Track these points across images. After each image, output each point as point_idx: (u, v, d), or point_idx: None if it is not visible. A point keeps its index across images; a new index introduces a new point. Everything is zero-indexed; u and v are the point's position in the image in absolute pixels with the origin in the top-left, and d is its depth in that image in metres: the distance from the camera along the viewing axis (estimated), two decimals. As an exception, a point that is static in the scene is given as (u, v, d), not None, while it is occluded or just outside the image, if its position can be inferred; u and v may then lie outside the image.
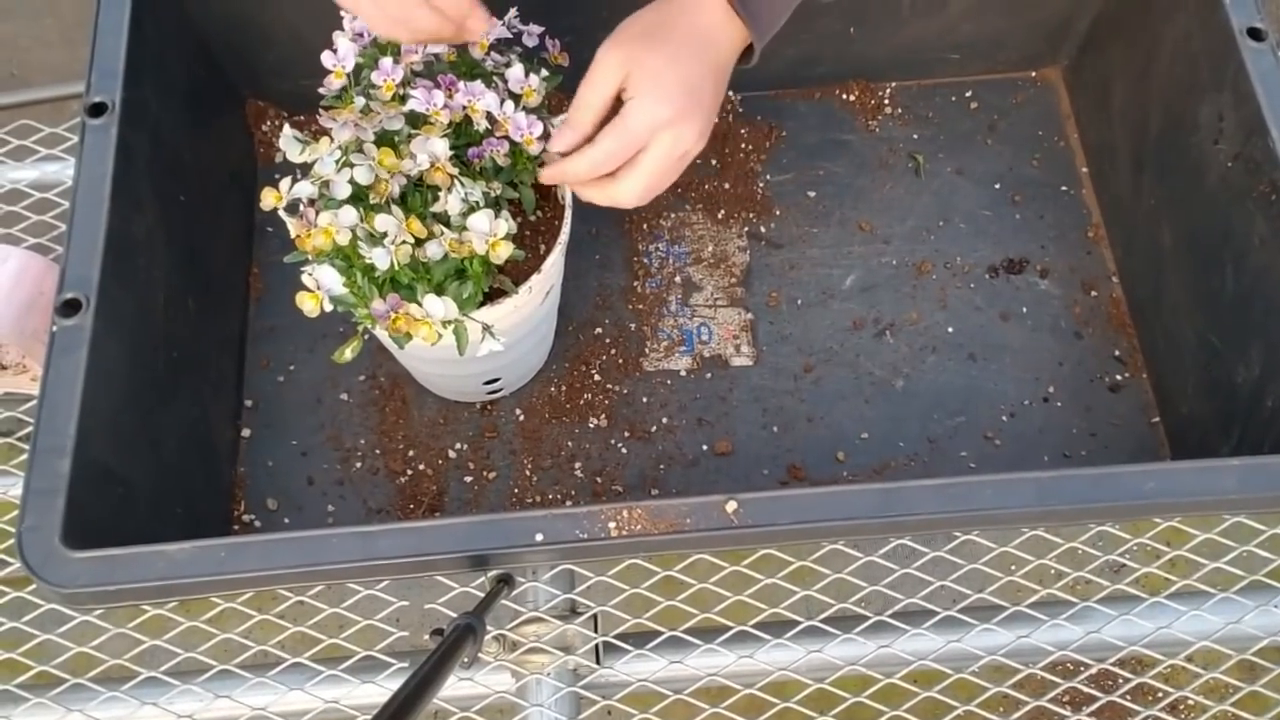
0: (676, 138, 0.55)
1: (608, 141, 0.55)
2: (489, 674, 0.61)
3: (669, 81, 0.55)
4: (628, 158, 0.56)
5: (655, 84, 0.55)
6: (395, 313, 0.54)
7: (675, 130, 0.55)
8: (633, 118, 0.55)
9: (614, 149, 0.55)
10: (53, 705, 0.60)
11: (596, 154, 0.56)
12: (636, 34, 0.56)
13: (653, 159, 0.56)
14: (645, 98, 0.55)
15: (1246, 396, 0.65)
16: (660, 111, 0.55)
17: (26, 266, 0.66)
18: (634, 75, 0.55)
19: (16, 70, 1.56)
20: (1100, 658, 0.62)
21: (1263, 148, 0.63)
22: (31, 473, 0.54)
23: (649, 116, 0.55)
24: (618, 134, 0.55)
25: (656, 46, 0.55)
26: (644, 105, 0.55)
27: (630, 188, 0.57)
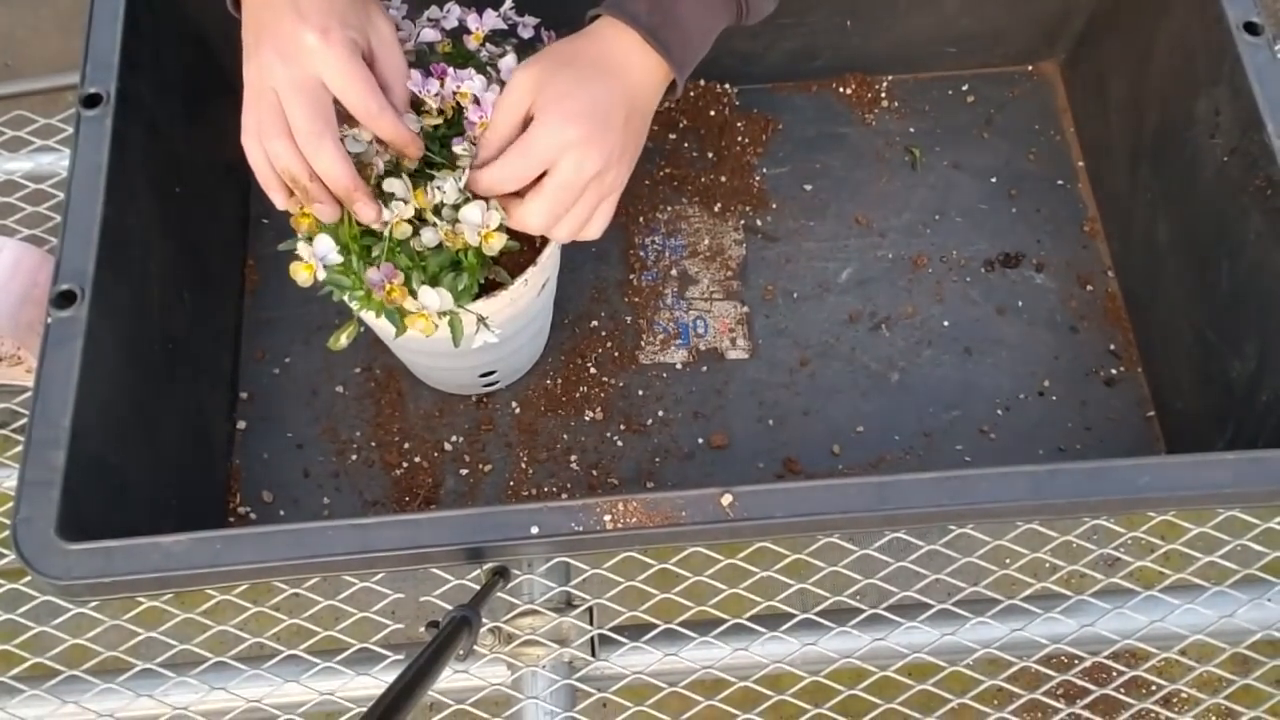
0: (581, 160, 0.54)
1: (509, 159, 0.54)
2: (484, 666, 0.61)
3: (575, 103, 0.54)
4: (530, 178, 0.55)
5: (560, 105, 0.54)
6: (390, 282, 0.54)
7: (580, 151, 0.54)
8: (535, 137, 0.54)
9: (515, 167, 0.54)
10: (48, 697, 0.60)
11: (497, 172, 0.55)
12: (550, 58, 0.56)
13: (555, 182, 0.54)
14: (550, 118, 0.54)
15: (1241, 391, 0.65)
16: (564, 132, 0.54)
17: (21, 258, 0.66)
18: (542, 97, 0.54)
19: (11, 61, 1.56)
20: (1094, 651, 0.62)
21: (1258, 142, 0.63)
22: (26, 465, 0.53)
23: (552, 137, 0.54)
24: (519, 152, 0.54)
25: (566, 70, 0.55)
26: (547, 125, 0.54)
27: (534, 209, 0.55)
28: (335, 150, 0.52)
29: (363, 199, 0.53)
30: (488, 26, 0.60)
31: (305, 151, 0.52)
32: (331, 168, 0.52)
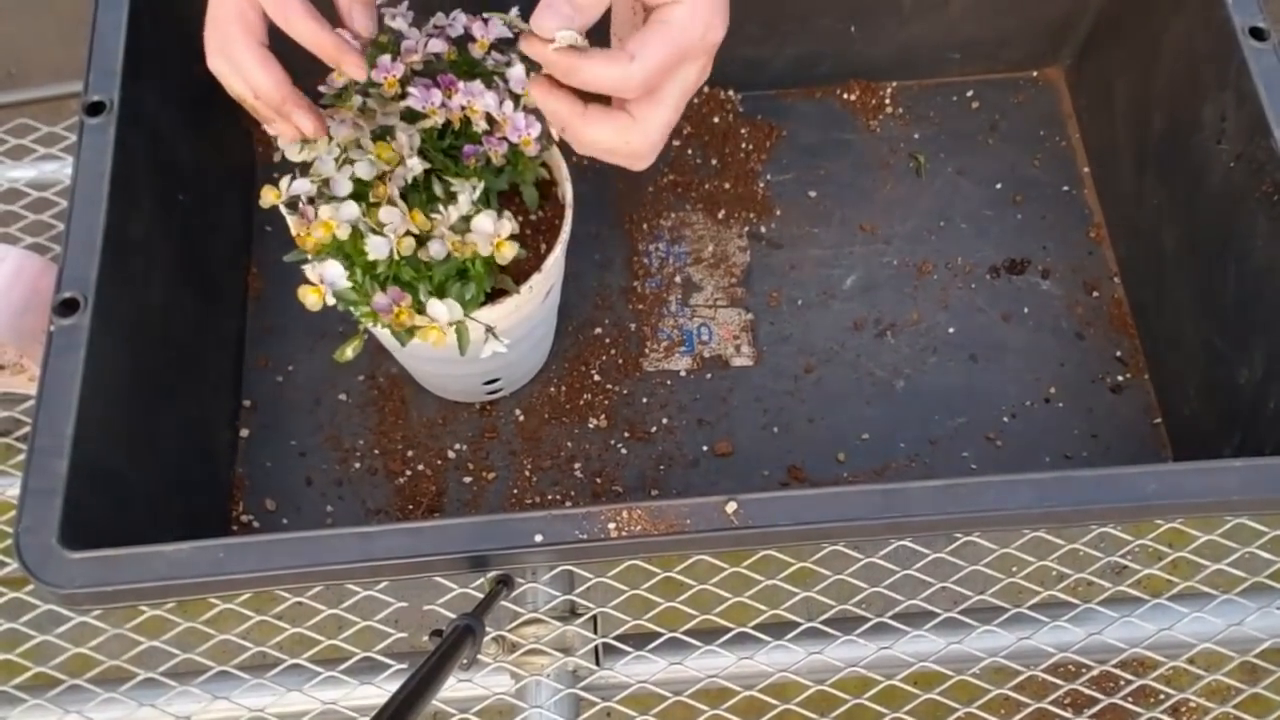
0: (711, 51, 0.47)
1: (655, 48, 0.45)
2: (488, 675, 0.61)
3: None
4: (660, 82, 0.46)
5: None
6: (398, 305, 0.54)
7: (714, 38, 0.46)
8: (686, 19, 0.45)
9: (661, 61, 0.45)
10: (50, 706, 0.59)
11: (638, 69, 0.45)
12: None
13: (682, 85, 0.47)
14: (689, 7, 0.45)
15: (1249, 398, 0.65)
16: (711, 11, 0.45)
17: (24, 266, 0.66)
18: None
19: (15, 69, 1.56)
20: (1102, 659, 0.62)
21: (1265, 148, 0.63)
22: (29, 473, 0.53)
23: (704, 16, 0.45)
24: (666, 39, 0.45)
25: None
26: (691, 18, 0.45)
27: (657, 125, 0.47)
28: (254, 61, 0.52)
29: (297, 111, 0.53)
30: (493, 34, 0.60)
31: (236, 67, 0.52)
32: (254, 79, 0.52)
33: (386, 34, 0.60)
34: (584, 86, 0.46)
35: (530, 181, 0.61)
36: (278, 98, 0.53)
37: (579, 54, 0.45)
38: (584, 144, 0.49)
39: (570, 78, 0.46)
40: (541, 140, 0.58)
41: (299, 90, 0.54)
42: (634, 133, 0.48)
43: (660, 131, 0.48)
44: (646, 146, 0.48)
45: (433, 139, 0.58)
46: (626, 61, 0.45)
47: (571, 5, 0.45)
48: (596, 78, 0.45)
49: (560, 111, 0.48)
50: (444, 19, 0.61)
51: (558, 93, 0.48)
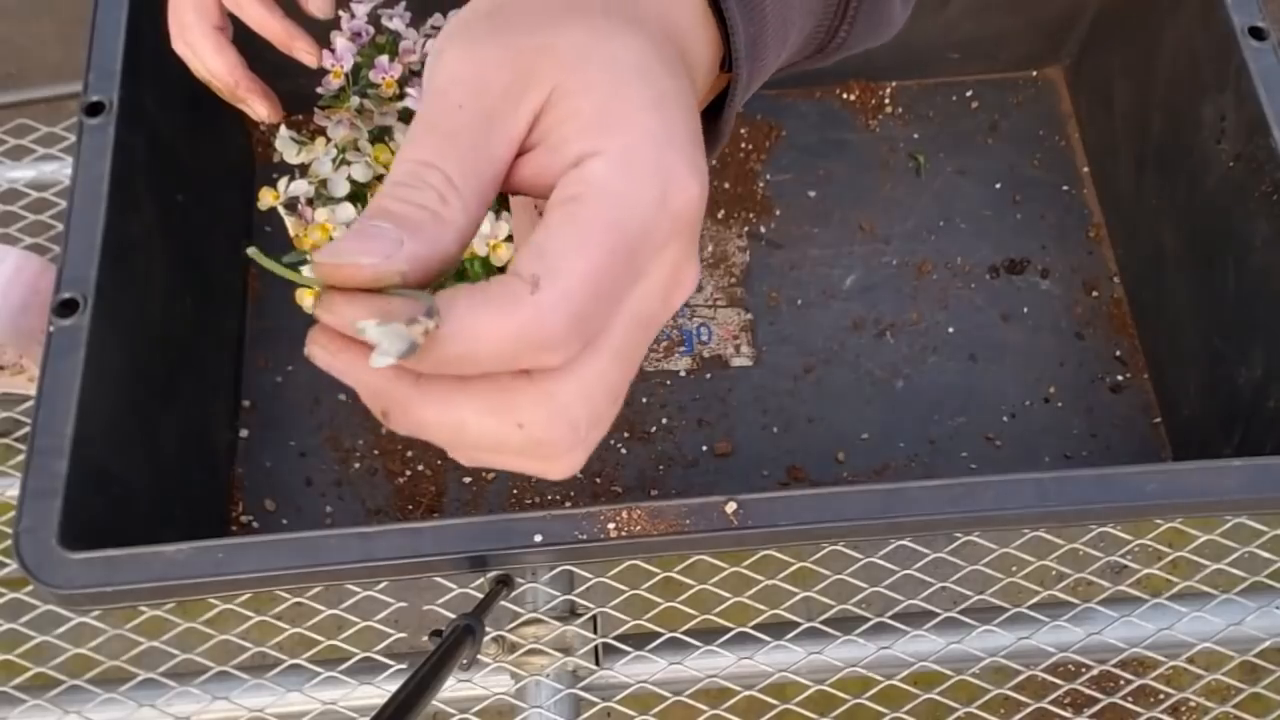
0: (687, 231, 0.29)
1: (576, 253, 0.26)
2: (488, 676, 0.61)
3: (646, 106, 0.27)
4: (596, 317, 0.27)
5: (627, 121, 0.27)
6: None
7: (686, 198, 0.28)
8: (618, 182, 0.27)
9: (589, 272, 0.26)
10: (50, 707, 0.59)
11: (553, 304, 0.25)
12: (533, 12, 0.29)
13: (635, 311, 0.28)
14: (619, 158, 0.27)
15: (1248, 397, 0.65)
16: (659, 151, 0.27)
17: (23, 266, 0.66)
18: (565, 97, 0.28)
19: (14, 70, 1.56)
20: (1102, 659, 0.62)
21: (1265, 148, 0.63)
22: (29, 473, 0.53)
23: (650, 164, 0.27)
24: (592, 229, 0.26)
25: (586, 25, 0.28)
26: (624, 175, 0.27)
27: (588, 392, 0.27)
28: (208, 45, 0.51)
29: (249, 96, 0.52)
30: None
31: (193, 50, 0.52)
32: (208, 63, 0.52)
33: (384, 34, 0.60)
34: (445, 368, 0.26)
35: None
36: (230, 81, 0.53)
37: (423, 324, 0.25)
38: (428, 434, 0.28)
39: (414, 362, 0.25)
40: None
41: (253, 75, 0.54)
42: (536, 409, 0.26)
43: (594, 401, 0.28)
44: (560, 430, 0.27)
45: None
46: (525, 295, 0.25)
47: (403, 226, 0.26)
48: (473, 341, 0.25)
49: (379, 391, 0.27)
50: (442, 19, 0.61)
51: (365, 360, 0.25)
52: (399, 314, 0.24)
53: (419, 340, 0.24)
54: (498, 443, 0.27)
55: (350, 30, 0.60)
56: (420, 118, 0.28)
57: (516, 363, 0.26)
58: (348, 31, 0.60)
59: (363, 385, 0.27)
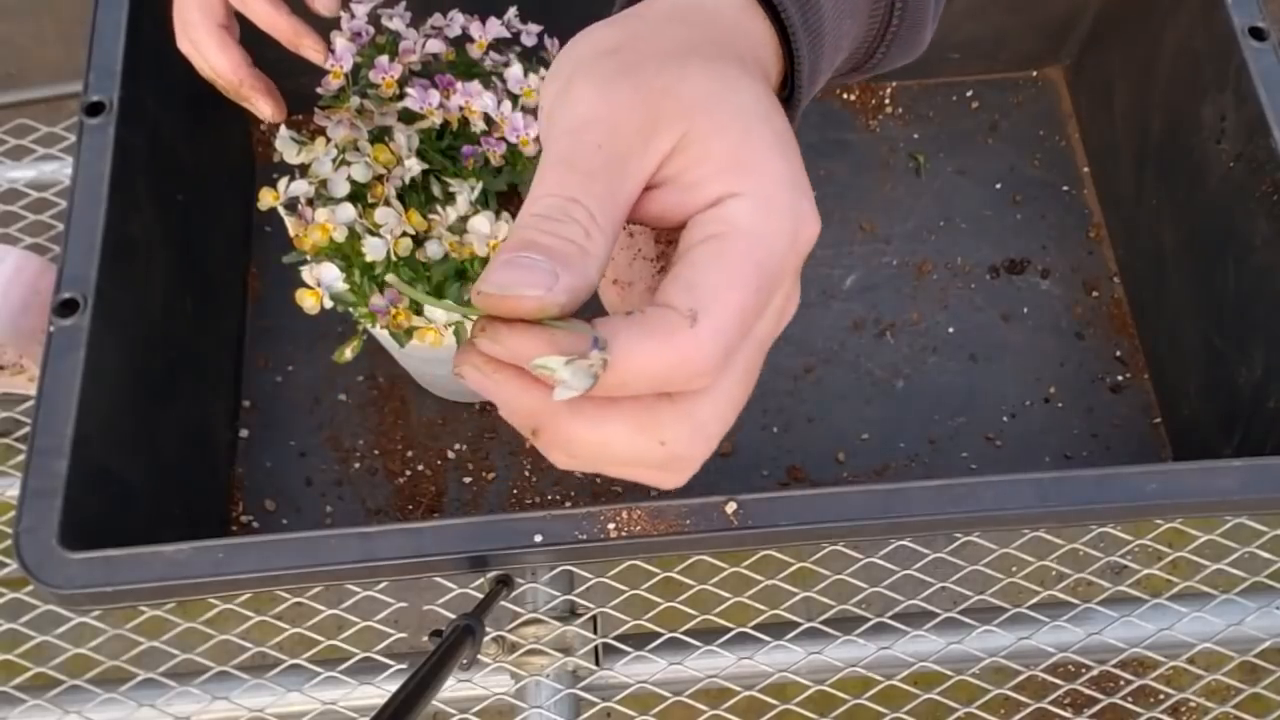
0: (800, 263, 0.31)
1: (726, 287, 0.28)
2: (488, 676, 0.61)
3: (773, 150, 0.30)
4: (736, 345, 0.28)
5: (760, 164, 0.30)
6: (394, 307, 0.54)
7: (809, 236, 0.31)
8: (759, 222, 0.29)
9: (740, 306, 0.28)
10: (50, 707, 0.59)
11: (712, 333, 0.27)
12: (655, 53, 0.30)
13: (758, 338, 0.30)
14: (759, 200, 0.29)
15: (1249, 397, 0.65)
16: (793, 194, 0.30)
17: (23, 266, 0.66)
18: (698, 140, 0.29)
19: (14, 70, 1.56)
20: (1101, 659, 0.62)
21: (1265, 148, 0.63)
22: (29, 473, 0.53)
23: (786, 205, 0.30)
24: (738, 264, 0.28)
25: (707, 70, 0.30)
26: (765, 216, 0.29)
27: (719, 411, 0.29)
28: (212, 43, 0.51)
29: (253, 94, 0.52)
30: (490, 34, 0.60)
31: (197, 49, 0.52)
32: (212, 61, 0.52)
33: (384, 34, 0.60)
34: (599, 392, 0.27)
35: (529, 182, 0.61)
36: (235, 80, 0.53)
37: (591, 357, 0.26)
38: (575, 451, 0.30)
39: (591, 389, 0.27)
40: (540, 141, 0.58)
41: (258, 72, 0.54)
42: (678, 426, 0.28)
43: (725, 419, 0.30)
44: (699, 446, 0.30)
45: (431, 139, 0.58)
46: (685, 328, 0.27)
47: (555, 260, 0.27)
48: (633, 369, 0.27)
49: (532, 411, 0.29)
50: (442, 19, 0.61)
51: (521, 383, 0.28)
52: (577, 349, 0.26)
53: (599, 374, 0.26)
54: (639, 458, 0.29)
55: (350, 30, 0.60)
56: (557, 154, 0.29)
57: (667, 387, 0.28)
58: (348, 32, 0.60)
59: (516, 407, 0.28)
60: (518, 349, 0.27)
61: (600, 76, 0.30)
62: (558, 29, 0.63)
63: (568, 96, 0.30)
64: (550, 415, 0.28)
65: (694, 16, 0.32)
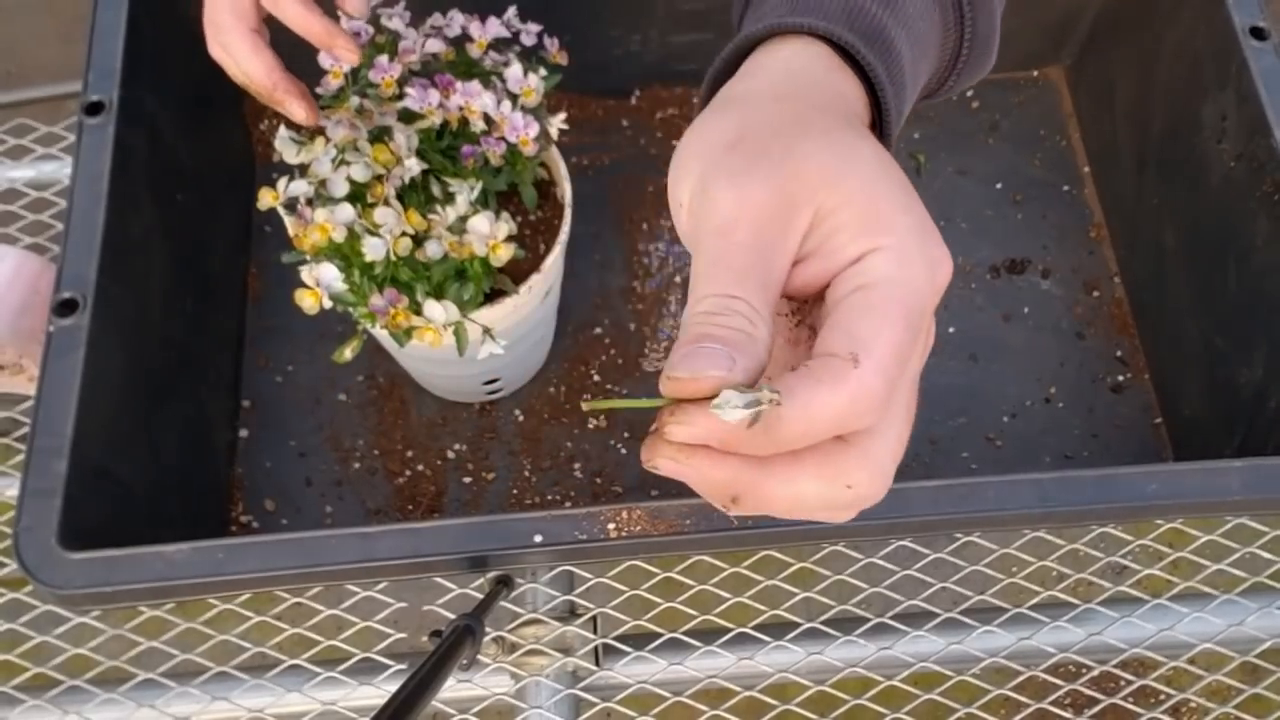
0: (938, 299, 0.33)
1: (879, 331, 0.31)
2: (488, 676, 0.61)
3: (899, 204, 0.33)
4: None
5: (891, 220, 0.32)
6: (394, 307, 0.54)
7: (945, 275, 0.33)
8: (899, 270, 0.32)
9: (895, 347, 0.31)
10: (49, 707, 0.59)
11: (873, 373, 0.30)
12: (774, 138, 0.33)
13: (913, 373, 0.33)
14: (895, 251, 0.32)
15: (1250, 398, 0.65)
16: (925, 242, 0.33)
17: (23, 266, 0.65)
18: (833, 213, 0.32)
19: (14, 69, 1.56)
20: (1102, 660, 0.62)
21: (1266, 147, 0.63)
22: (28, 473, 0.53)
23: (920, 252, 0.32)
24: (888, 309, 0.31)
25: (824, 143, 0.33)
26: (903, 264, 0.32)
27: (891, 447, 0.32)
28: (245, 47, 0.51)
29: (287, 98, 0.52)
30: (490, 34, 0.60)
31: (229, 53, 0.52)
32: (245, 66, 0.52)
33: (384, 34, 0.60)
34: (786, 445, 0.30)
35: (529, 182, 0.61)
36: (268, 84, 0.53)
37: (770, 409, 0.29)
38: (772, 509, 0.32)
39: (758, 443, 0.30)
40: (540, 140, 0.58)
41: (292, 76, 0.54)
42: (860, 470, 0.31)
43: (898, 454, 0.32)
44: (880, 484, 0.32)
45: (431, 139, 0.58)
46: (850, 369, 0.30)
47: (729, 345, 0.30)
48: (814, 418, 0.29)
49: (729, 481, 0.31)
50: (441, 19, 0.61)
51: (713, 459, 0.31)
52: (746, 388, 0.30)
53: (765, 405, 0.29)
54: (829, 504, 0.32)
55: (350, 30, 0.60)
56: (711, 257, 0.32)
57: (843, 428, 0.30)
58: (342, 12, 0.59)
59: (714, 481, 0.31)
60: (708, 423, 0.30)
61: (731, 174, 0.33)
62: (558, 29, 0.63)
63: (706, 198, 0.33)
64: (746, 483, 0.31)
65: (796, 90, 0.35)
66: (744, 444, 0.30)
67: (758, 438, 0.30)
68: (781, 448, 0.30)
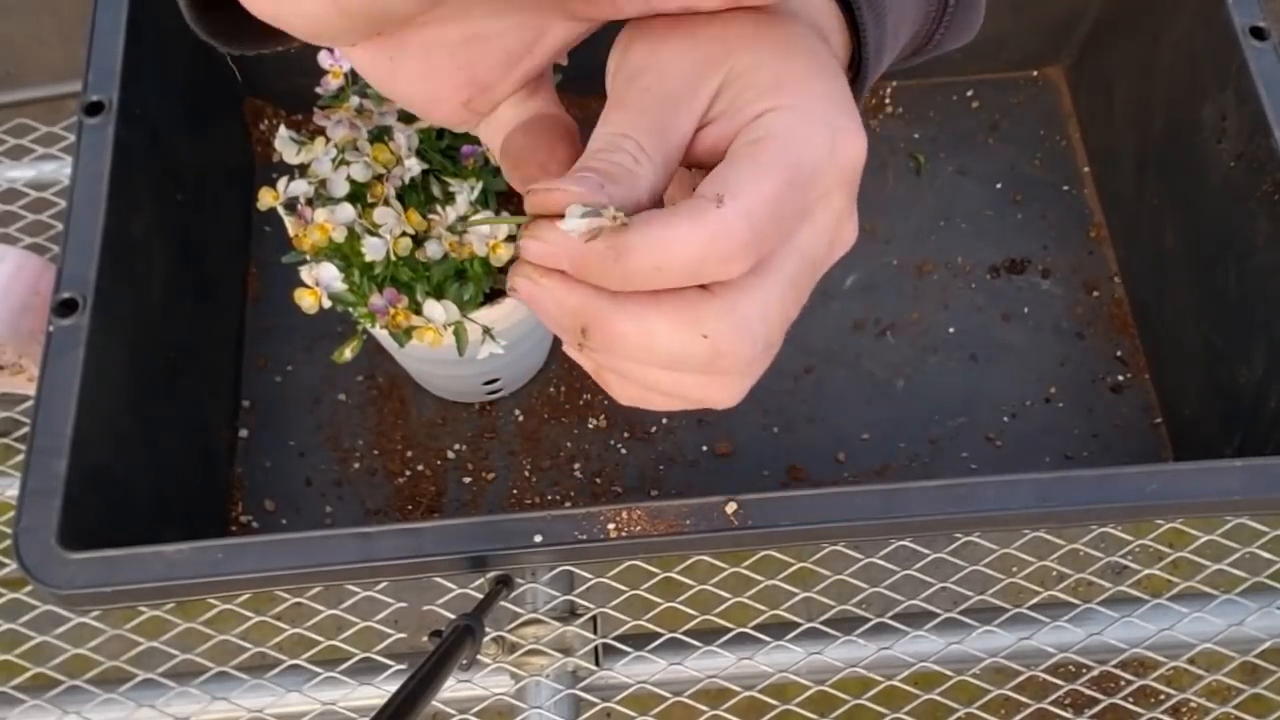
0: (849, 181, 0.31)
1: (754, 179, 0.29)
2: (487, 676, 0.61)
3: (812, 72, 0.31)
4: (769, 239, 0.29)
5: (799, 83, 0.31)
6: (394, 307, 0.54)
7: (852, 154, 0.31)
8: (795, 128, 0.30)
9: (769, 195, 0.29)
10: (49, 707, 0.59)
11: (736, 214, 0.28)
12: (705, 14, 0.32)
13: (801, 248, 0.31)
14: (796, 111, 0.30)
15: (1249, 397, 0.65)
16: (835, 112, 0.31)
17: (23, 266, 0.65)
18: (742, 74, 0.31)
19: (13, 69, 1.56)
20: (1102, 660, 0.62)
21: (1265, 147, 0.63)
22: (28, 473, 0.53)
23: (823, 119, 0.30)
24: (769, 161, 0.29)
25: (753, 16, 0.32)
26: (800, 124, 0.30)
27: (763, 309, 0.30)
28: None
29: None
30: None
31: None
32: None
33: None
34: (638, 280, 0.28)
35: (529, 181, 0.61)
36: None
37: (618, 230, 0.28)
38: (621, 350, 0.29)
39: (608, 270, 0.28)
40: None
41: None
42: (720, 320, 0.28)
43: (770, 321, 0.30)
44: (744, 343, 0.29)
45: (431, 139, 0.58)
46: (712, 208, 0.28)
47: (603, 176, 0.29)
48: (665, 250, 0.28)
49: (579, 308, 0.29)
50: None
51: (566, 284, 0.29)
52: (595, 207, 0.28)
53: (606, 221, 0.28)
54: (683, 354, 0.29)
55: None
56: (611, 100, 0.32)
57: (701, 272, 0.28)
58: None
59: (565, 306, 0.29)
60: (554, 235, 0.28)
61: (651, 32, 0.32)
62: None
63: (624, 56, 0.33)
64: (596, 312, 0.29)
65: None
66: (594, 269, 0.28)
67: (608, 265, 0.28)
68: (634, 282, 0.28)
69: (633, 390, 0.32)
